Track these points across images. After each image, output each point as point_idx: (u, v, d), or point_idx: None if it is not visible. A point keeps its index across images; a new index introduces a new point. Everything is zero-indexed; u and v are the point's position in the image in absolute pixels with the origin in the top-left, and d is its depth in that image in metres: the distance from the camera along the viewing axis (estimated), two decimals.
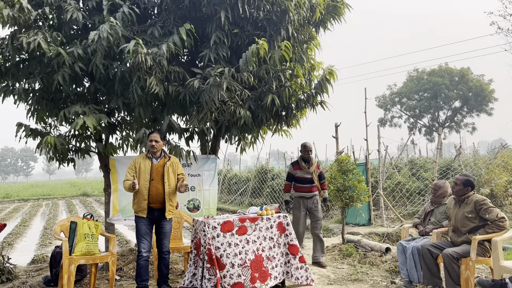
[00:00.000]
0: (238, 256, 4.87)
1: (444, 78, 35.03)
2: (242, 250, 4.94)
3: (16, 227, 13.31)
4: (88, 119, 5.10)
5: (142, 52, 4.91)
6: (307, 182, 6.58)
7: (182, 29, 5.21)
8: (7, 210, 20.80)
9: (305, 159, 6.62)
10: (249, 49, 5.22)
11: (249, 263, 4.92)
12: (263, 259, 5.07)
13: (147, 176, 4.92)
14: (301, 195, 6.57)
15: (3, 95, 5.80)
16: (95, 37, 4.91)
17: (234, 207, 16.57)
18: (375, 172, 12.43)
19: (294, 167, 6.63)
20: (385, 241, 8.49)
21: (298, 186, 6.60)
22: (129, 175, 4.93)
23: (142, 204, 4.91)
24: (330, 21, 6.53)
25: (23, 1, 4.83)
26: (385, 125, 38.70)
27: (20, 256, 7.89)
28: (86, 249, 5.06)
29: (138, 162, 4.96)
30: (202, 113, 5.52)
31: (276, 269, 5.18)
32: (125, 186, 4.93)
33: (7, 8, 4.76)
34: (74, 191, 33.54)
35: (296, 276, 5.27)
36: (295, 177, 6.61)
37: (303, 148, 6.64)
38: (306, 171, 6.56)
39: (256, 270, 4.97)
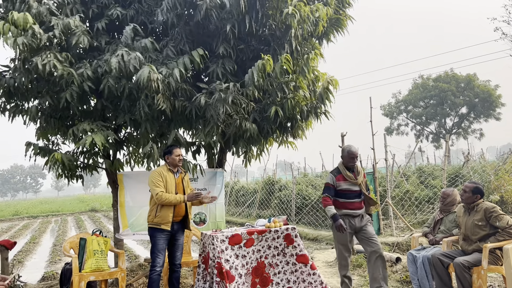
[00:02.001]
0: (244, 266, 4.93)
1: (451, 85, 34.96)
2: (248, 260, 5.01)
3: (26, 244, 13.36)
4: (96, 137, 5.15)
5: (155, 79, 4.99)
6: (354, 196, 5.21)
7: (196, 53, 5.31)
8: (17, 228, 20.90)
9: (349, 167, 5.27)
10: (255, 65, 5.28)
11: (251, 270, 5.01)
12: (265, 266, 5.13)
13: (173, 190, 4.94)
14: (347, 212, 5.14)
15: (12, 115, 5.90)
16: (116, 66, 4.99)
17: (242, 220, 16.53)
18: (383, 181, 12.36)
19: (337, 177, 5.22)
20: (395, 251, 8.41)
21: (342, 202, 5.17)
22: (162, 187, 4.82)
23: (168, 217, 4.86)
24: (333, 33, 6.59)
25: (35, 27, 4.94)
26: (391, 133, 38.60)
27: (31, 274, 7.92)
28: (95, 266, 5.08)
29: (164, 174, 4.94)
30: (208, 126, 5.58)
31: (278, 276, 5.20)
32: (169, 199, 4.77)
33: (21, 36, 4.86)
34: (83, 207, 33.67)
35: (309, 281, 5.25)
36: (337, 190, 5.19)
37: (348, 154, 5.24)
38: (352, 182, 5.19)
39: (257, 276, 5.04)
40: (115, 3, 5.81)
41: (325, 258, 7.93)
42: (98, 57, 5.52)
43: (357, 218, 5.18)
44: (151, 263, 4.94)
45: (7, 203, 55.89)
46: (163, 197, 4.76)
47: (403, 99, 38.42)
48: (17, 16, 4.83)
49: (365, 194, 5.27)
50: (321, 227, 12.87)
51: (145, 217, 5.43)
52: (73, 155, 6.02)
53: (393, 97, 39.54)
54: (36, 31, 4.93)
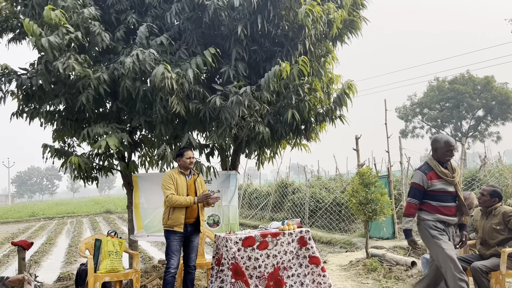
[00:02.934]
0: (257, 269, 4.94)
1: (467, 87, 34.46)
2: (262, 264, 5.00)
3: (42, 245, 13.56)
4: (110, 140, 5.21)
5: (169, 77, 5.03)
6: (450, 199, 4.24)
7: (207, 53, 5.33)
8: (33, 228, 21.24)
9: (443, 162, 4.28)
10: (272, 70, 5.28)
11: (266, 275, 5.01)
12: (280, 269, 5.13)
13: (184, 192, 4.97)
14: (442, 219, 4.20)
15: (30, 117, 6.01)
16: (130, 65, 5.03)
17: (255, 222, 16.51)
18: (397, 184, 12.22)
19: (428, 175, 4.22)
20: (410, 255, 8.30)
21: (435, 206, 4.21)
22: (172, 189, 4.89)
23: (180, 219, 4.90)
24: (347, 35, 6.56)
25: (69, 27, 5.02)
26: (406, 136, 38.19)
27: (47, 274, 8.04)
28: (110, 266, 5.13)
29: (174, 177, 4.99)
30: (221, 128, 5.59)
31: (292, 278, 5.19)
32: (179, 201, 4.83)
33: (51, 35, 4.91)
34: (98, 208, 34.03)
35: (319, 281, 5.26)
36: (428, 191, 4.23)
37: (445, 145, 4.24)
38: (448, 181, 4.21)
39: (271, 279, 5.05)
40: (131, 9, 5.88)
41: (339, 261, 7.87)
42: (114, 59, 5.58)
43: (451, 228, 4.26)
44: (166, 264, 4.97)
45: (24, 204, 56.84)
46: (173, 199, 4.82)
47: (418, 101, 37.99)
48: (53, 14, 4.86)
49: (460, 198, 4.25)
50: (334, 231, 12.78)
51: (159, 219, 5.48)
52: (89, 157, 6.10)
53: (408, 99, 39.15)
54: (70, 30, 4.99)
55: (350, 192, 7.45)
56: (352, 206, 7.35)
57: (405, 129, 38.98)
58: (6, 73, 5.85)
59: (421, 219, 4.31)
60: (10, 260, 11.20)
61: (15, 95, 6.03)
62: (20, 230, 20.26)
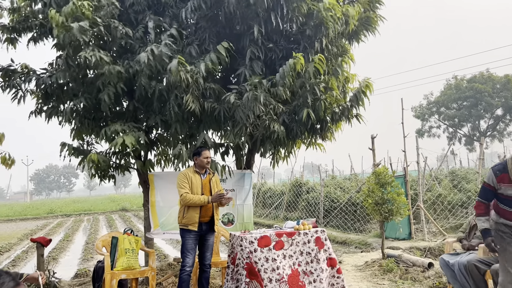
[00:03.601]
0: (275, 271, 4.84)
1: (486, 85, 33.84)
2: (279, 265, 4.90)
3: (60, 242, 13.78)
4: (127, 138, 5.25)
5: (184, 70, 5.04)
6: None
7: (221, 47, 5.31)
8: (51, 225, 21.61)
9: None
10: (287, 64, 5.24)
11: (286, 278, 4.89)
12: (299, 274, 5.02)
13: (199, 191, 5.00)
14: (508, 223, 3.99)
15: (48, 116, 6.11)
16: (145, 60, 5.06)
17: (269, 221, 16.50)
18: (414, 184, 12.07)
19: (498, 177, 3.91)
20: (427, 256, 8.19)
21: (502, 209, 3.99)
22: (186, 188, 4.93)
23: (194, 218, 4.93)
24: (363, 32, 6.49)
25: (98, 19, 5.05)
26: (423, 135, 37.71)
27: (64, 271, 8.16)
28: (127, 264, 5.18)
29: (189, 176, 5.02)
30: (237, 127, 5.58)
31: (314, 285, 5.07)
32: (193, 200, 4.86)
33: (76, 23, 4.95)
34: (114, 206, 34.44)
35: (332, 282, 5.18)
36: (498, 194, 3.99)
37: None
38: None
39: (293, 285, 4.92)
40: (149, 9, 5.91)
41: (354, 262, 7.81)
42: (131, 58, 5.62)
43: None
44: (181, 262, 5.00)
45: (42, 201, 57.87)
46: (187, 198, 4.85)
47: (435, 100, 37.48)
48: (80, 3, 4.91)
49: None
50: (350, 231, 12.69)
51: (175, 217, 5.52)
52: (106, 155, 6.17)
53: (425, 98, 38.65)
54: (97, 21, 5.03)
55: (366, 192, 7.38)
56: (368, 206, 7.28)
57: (421, 129, 38.52)
58: (25, 73, 5.95)
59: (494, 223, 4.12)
60: (29, 256, 11.42)
61: (35, 94, 6.13)
62: (38, 227, 20.64)
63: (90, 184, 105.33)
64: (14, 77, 5.87)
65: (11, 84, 5.88)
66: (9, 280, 1.34)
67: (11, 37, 6.02)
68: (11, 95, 5.98)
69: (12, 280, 1.35)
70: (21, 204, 50.23)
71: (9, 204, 49.58)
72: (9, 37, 6.00)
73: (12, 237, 16.33)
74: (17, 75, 5.89)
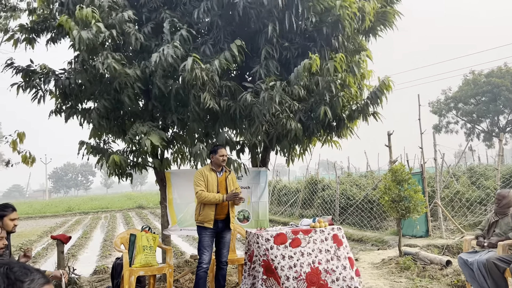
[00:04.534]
0: (293, 268, 4.84)
1: (505, 80, 33.14)
2: (297, 262, 4.90)
3: (79, 239, 14.02)
4: (153, 138, 5.32)
5: (199, 68, 5.08)
6: None
7: (233, 45, 5.33)
8: (69, 223, 21.99)
9: None
10: (302, 64, 5.24)
11: (304, 276, 4.87)
12: (321, 272, 4.97)
13: (215, 189, 5.07)
14: None
15: (67, 116, 6.22)
16: (156, 59, 5.11)
17: (284, 219, 16.50)
18: (431, 181, 11.92)
19: None
20: (444, 254, 8.09)
21: None
22: (202, 186, 5.00)
23: (210, 216, 5.00)
24: (380, 28, 6.43)
25: (100, 24, 5.13)
26: (440, 131, 37.16)
27: (83, 267, 8.30)
28: (145, 261, 5.25)
29: (205, 174, 5.10)
30: (253, 126, 5.60)
31: (337, 283, 5.00)
32: (208, 198, 4.92)
33: (83, 31, 5.04)
34: (130, 203, 34.85)
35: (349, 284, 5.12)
36: None
37: None
38: None
39: (313, 283, 4.89)
40: (164, 6, 5.96)
41: (371, 259, 7.77)
42: (147, 58, 5.69)
43: None
44: (198, 259, 5.05)
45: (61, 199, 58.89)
46: (202, 195, 4.93)
47: (453, 95, 36.87)
48: (84, 12, 5.00)
49: None
50: (366, 228, 12.61)
51: (191, 214, 5.58)
52: (123, 154, 6.25)
53: (443, 93, 38.05)
54: (100, 28, 5.09)
55: (383, 189, 7.32)
56: (385, 203, 7.23)
57: (438, 124, 37.96)
58: (44, 73, 6.06)
59: None
60: (48, 253, 11.65)
61: (53, 94, 6.25)
62: (57, 224, 21.03)
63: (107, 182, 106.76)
64: (34, 78, 5.98)
65: (31, 84, 6.00)
66: (39, 277, 1.36)
67: (30, 37, 6.14)
68: (31, 96, 6.11)
69: (42, 277, 1.36)
70: (40, 202, 51.23)
71: (28, 202, 50.60)
72: (27, 37, 6.12)
73: (32, 234, 16.68)
74: (37, 75, 6.00)
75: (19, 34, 6.08)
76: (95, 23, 5.05)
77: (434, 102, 38.45)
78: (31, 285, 1.30)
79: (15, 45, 6.05)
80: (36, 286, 1.31)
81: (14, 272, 1.31)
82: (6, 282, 1.29)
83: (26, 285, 1.29)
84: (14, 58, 6.19)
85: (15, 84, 6.05)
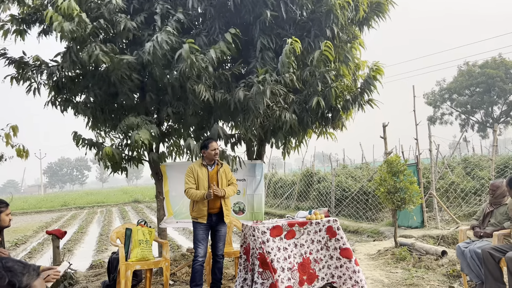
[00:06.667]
0: (287, 260, 4.89)
1: (499, 71, 33.22)
2: (290, 254, 4.95)
3: (75, 234, 13.99)
4: (142, 133, 5.27)
5: (194, 55, 5.02)
6: None
7: (228, 35, 5.28)
8: (65, 218, 21.93)
9: None
10: (284, 51, 5.19)
11: (297, 267, 4.94)
12: (311, 262, 5.09)
13: (205, 184, 5.05)
14: None
15: (63, 108, 6.17)
16: (150, 48, 5.04)
17: (280, 211, 16.55)
18: (426, 172, 11.98)
19: None
20: (440, 244, 8.15)
21: None
22: (190, 183, 5.03)
23: (202, 211, 5.01)
24: (374, 19, 6.39)
25: (83, 15, 5.05)
26: (434, 123, 37.30)
27: (80, 262, 8.29)
28: (141, 255, 5.23)
29: (195, 170, 5.09)
30: (249, 120, 5.56)
31: (323, 271, 5.16)
32: (194, 195, 4.97)
33: (67, 22, 4.96)
34: (126, 198, 34.82)
35: (355, 279, 5.14)
36: None
37: None
38: None
39: (304, 273, 5.00)
40: None
41: (367, 250, 7.80)
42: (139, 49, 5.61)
43: None
44: (194, 253, 5.05)
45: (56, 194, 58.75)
46: (189, 193, 5.01)
47: (447, 87, 36.95)
48: (65, 4, 4.91)
49: None
50: (361, 219, 12.67)
51: (187, 206, 5.58)
52: (118, 147, 6.21)
53: (437, 85, 38.11)
54: (83, 18, 5.00)
55: (378, 180, 7.34)
56: (380, 195, 7.25)
57: (433, 116, 38.07)
58: (37, 65, 5.99)
59: None
60: (44, 248, 11.62)
61: (48, 86, 6.18)
62: (53, 219, 20.97)
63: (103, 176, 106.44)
64: (26, 70, 5.91)
65: (25, 76, 5.93)
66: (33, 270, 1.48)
67: (20, 28, 6.03)
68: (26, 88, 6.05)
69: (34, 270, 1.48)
70: (35, 197, 51.05)
71: (23, 197, 50.39)
72: (18, 29, 6.01)
73: (28, 229, 16.63)
74: (30, 67, 5.93)
75: (9, 25, 5.97)
76: (78, 14, 4.97)
77: (428, 93, 38.53)
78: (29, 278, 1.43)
79: (4, 36, 5.95)
80: (32, 279, 1.44)
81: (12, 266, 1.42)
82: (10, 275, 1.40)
83: (25, 278, 1.43)
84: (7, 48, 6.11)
85: (8, 76, 5.98)
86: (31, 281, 1.44)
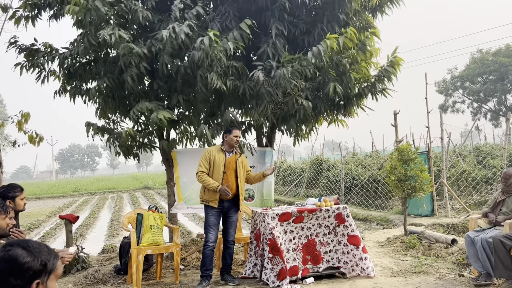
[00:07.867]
0: (292, 241, 5.02)
1: None
2: (296, 235, 5.07)
3: (86, 219, 14.20)
4: (163, 113, 5.30)
5: (215, 45, 5.00)
6: None
7: (244, 25, 5.23)
8: (77, 203, 22.26)
9: None
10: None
11: (301, 247, 5.06)
12: (316, 244, 5.17)
13: (221, 169, 5.06)
14: None
15: (73, 96, 6.20)
16: (166, 37, 5.01)
17: (289, 199, 16.60)
18: (437, 161, 11.89)
19: None
20: (450, 233, 8.12)
21: None
22: (204, 167, 5.04)
23: (214, 195, 5.03)
24: (387, 5, 6.30)
25: (98, 3, 5.04)
26: (446, 111, 36.84)
27: (92, 246, 8.42)
28: (152, 240, 5.30)
29: (213, 154, 5.09)
30: (261, 106, 5.54)
31: (329, 254, 5.23)
32: (206, 182, 4.96)
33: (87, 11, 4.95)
34: (137, 184, 35.17)
35: (362, 266, 5.18)
36: None
37: None
38: None
39: (308, 253, 5.10)
40: None
41: (376, 238, 7.81)
42: (151, 37, 5.60)
43: None
44: (205, 238, 5.10)
45: (67, 180, 59.48)
46: (201, 177, 5.01)
47: (459, 75, 36.40)
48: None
49: None
50: (371, 207, 12.66)
51: (197, 192, 5.61)
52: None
53: (449, 73, 37.55)
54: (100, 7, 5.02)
55: (389, 168, 7.30)
56: (391, 183, 7.22)
57: (444, 104, 37.62)
58: (48, 52, 6.01)
59: None
60: (57, 232, 11.84)
61: (56, 75, 6.20)
62: (65, 205, 21.29)
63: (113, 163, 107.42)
64: (37, 57, 5.93)
65: (35, 63, 5.95)
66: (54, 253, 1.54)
67: (32, 14, 6.03)
68: (35, 76, 6.08)
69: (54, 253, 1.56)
70: (47, 182, 51.79)
71: (36, 183, 51.19)
72: (29, 15, 6.02)
73: (41, 214, 16.92)
74: (41, 54, 5.95)
75: (21, 11, 5.98)
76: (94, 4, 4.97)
77: (440, 81, 38.01)
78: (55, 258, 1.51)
79: (17, 23, 5.97)
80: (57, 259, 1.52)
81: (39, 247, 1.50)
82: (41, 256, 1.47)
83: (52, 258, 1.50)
84: (18, 36, 6.13)
85: (18, 64, 6.01)
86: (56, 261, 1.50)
